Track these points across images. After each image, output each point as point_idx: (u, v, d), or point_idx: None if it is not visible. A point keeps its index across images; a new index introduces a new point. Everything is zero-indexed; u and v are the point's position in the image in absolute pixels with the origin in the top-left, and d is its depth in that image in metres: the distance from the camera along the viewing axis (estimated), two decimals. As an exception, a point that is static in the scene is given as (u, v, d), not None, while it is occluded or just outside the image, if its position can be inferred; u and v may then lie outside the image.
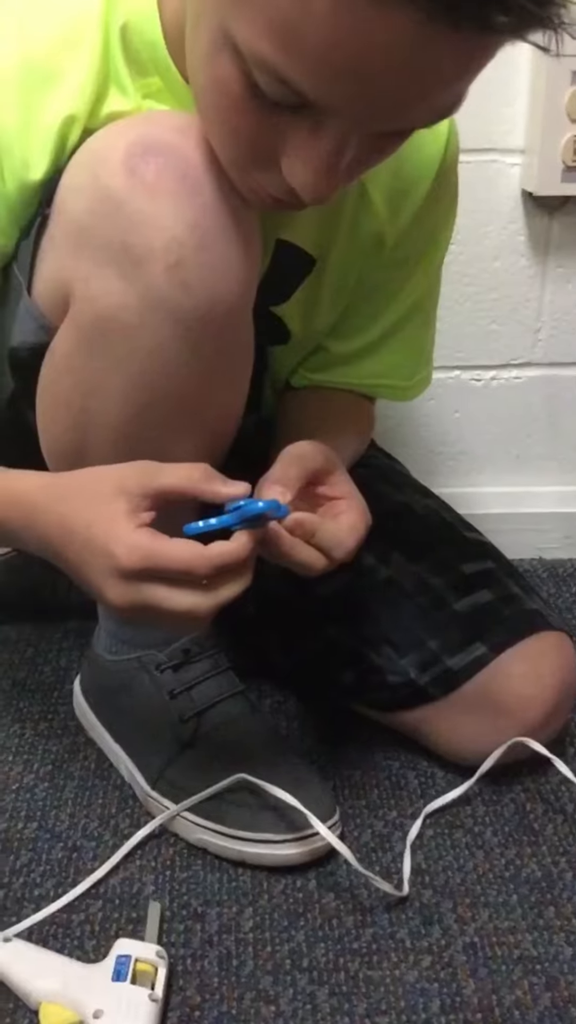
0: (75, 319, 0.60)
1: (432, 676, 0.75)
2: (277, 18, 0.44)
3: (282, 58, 0.45)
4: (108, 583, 0.56)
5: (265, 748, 0.74)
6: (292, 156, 0.51)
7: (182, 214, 0.56)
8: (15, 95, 0.59)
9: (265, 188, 0.55)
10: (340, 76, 0.44)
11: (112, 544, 0.55)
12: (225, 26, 0.47)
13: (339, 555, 0.62)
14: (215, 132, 0.54)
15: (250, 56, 0.46)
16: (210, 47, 0.49)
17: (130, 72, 0.61)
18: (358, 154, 0.51)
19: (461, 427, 1.10)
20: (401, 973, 0.63)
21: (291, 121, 0.49)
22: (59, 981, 0.60)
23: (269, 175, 0.53)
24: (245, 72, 0.47)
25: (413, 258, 0.77)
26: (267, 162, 0.52)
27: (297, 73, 0.45)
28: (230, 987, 0.62)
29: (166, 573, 0.55)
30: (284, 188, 0.53)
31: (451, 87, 0.47)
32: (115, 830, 0.74)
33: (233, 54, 0.47)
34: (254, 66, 0.47)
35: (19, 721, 0.86)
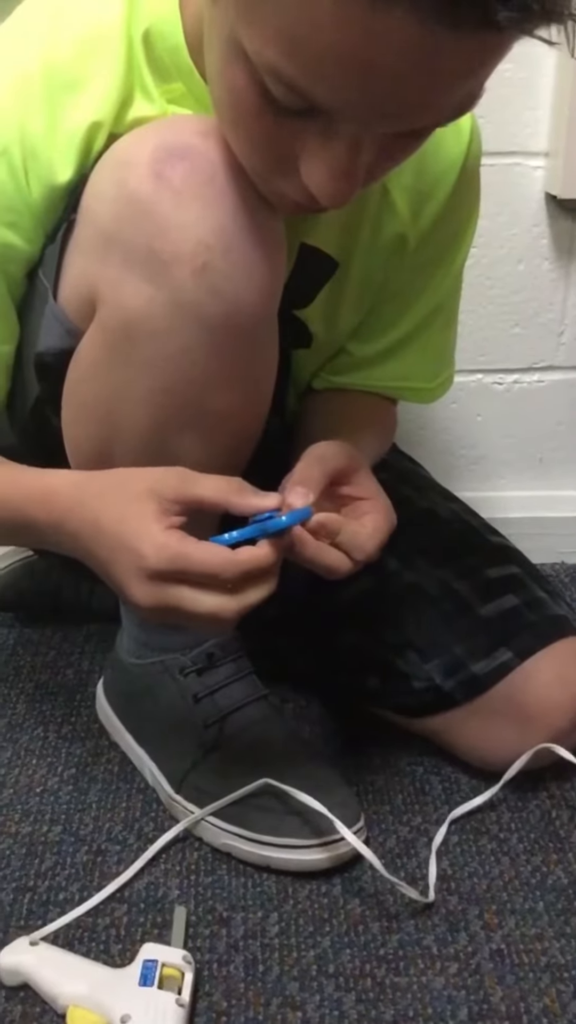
0: (101, 324, 0.61)
1: (457, 681, 0.75)
2: (282, 26, 0.44)
3: (289, 65, 0.45)
4: (134, 581, 0.56)
5: (289, 753, 0.74)
6: (308, 160, 0.51)
7: (209, 218, 0.56)
8: (40, 101, 0.59)
9: (287, 193, 0.55)
10: (346, 80, 0.45)
11: (141, 542, 0.55)
12: (235, 36, 0.47)
13: (359, 558, 0.62)
14: (234, 140, 0.54)
15: (259, 64, 0.47)
16: (223, 57, 0.49)
17: (154, 78, 0.61)
18: (375, 156, 0.51)
19: (483, 430, 1.09)
20: (428, 980, 0.63)
21: (305, 126, 0.49)
22: (86, 985, 0.60)
23: (289, 180, 0.53)
24: (257, 80, 0.48)
25: (435, 260, 0.76)
26: (286, 168, 0.52)
27: (304, 79, 0.45)
28: (256, 993, 0.62)
29: (193, 576, 0.55)
30: (304, 192, 0.53)
31: (460, 85, 0.46)
32: (139, 834, 0.74)
33: (244, 63, 0.48)
34: (264, 74, 0.47)
35: (42, 724, 0.86)
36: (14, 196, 0.60)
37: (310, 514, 0.59)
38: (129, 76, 0.60)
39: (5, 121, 0.59)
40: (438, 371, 0.84)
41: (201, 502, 0.57)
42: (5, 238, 0.62)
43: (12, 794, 0.78)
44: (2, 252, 0.63)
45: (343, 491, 0.65)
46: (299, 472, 0.62)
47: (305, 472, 0.62)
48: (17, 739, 0.84)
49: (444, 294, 0.79)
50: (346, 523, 0.61)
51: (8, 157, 0.59)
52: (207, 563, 0.55)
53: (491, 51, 0.45)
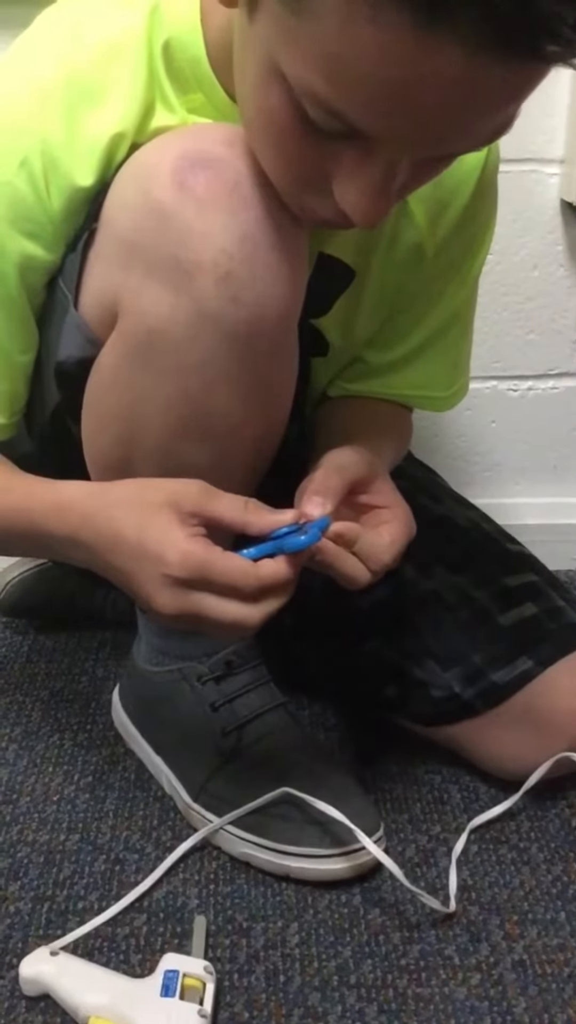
0: (123, 332, 0.60)
1: (477, 690, 0.75)
2: (325, 52, 0.44)
3: (331, 90, 0.45)
4: (157, 589, 0.56)
5: (308, 761, 0.73)
6: (343, 181, 0.51)
7: (232, 227, 0.56)
8: (61, 111, 0.59)
9: (316, 211, 0.55)
10: (389, 107, 0.45)
11: (166, 550, 0.55)
12: (273, 58, 0.47)
13: (375, 568, 0.62)
14: (266, 158, 0.54)
15: (299, 88, 0.47)
16: (259, 78, 0.49)
17: (174, 88, 0.61)
18: (407, 177, 0.51)
19: (497, 437, 1.09)
20: (450, 991, 0.62)
21: (341, 148, 0.49)
22: (107, 996, 0.60)
23: (320, 199, 0.53)
24: (294, 102, 0.48)
25: (452, 268, 0.76)
26: (318, 187, 0.53)
27: (346, 105, 0.46)
28: (278, 1003, 0.62)
29: (213, 585, 0.56)
30: (336, 211, 0.53)
31: (500, 113, 0.47)
32: (157, 842, 0.74)
33: (282, 85, 0.48)
34: (303, 97, 0.47)
35: (58, 731, 0.86)
36: (34, 206, 0.60)
37: (328, 524, 0.59)
38: (150, 86, 0.60)
39: (26, 131, 0.59)
40: (454, 379, 0.83)
41: (218, 521, 0.57)
42: (25, 248, 0.62)
43: (29, 802, 0.78)
44: (23, 262, 0.62)
45: (362, 499, 0.65)
46: (317, 481, 0.61)
47: (323, 481, 0.61)
48: (33, 747, 0.84)
49: (460, 302, 0.79)
50: (364, 532, 0.61)
51: (29, 167, 0.59)
52: (230, 574, 0.55)
53: (533, 80, 0.45)
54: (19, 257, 0.62)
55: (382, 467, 0.66)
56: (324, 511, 0.59)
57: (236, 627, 0.57)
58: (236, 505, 0.58)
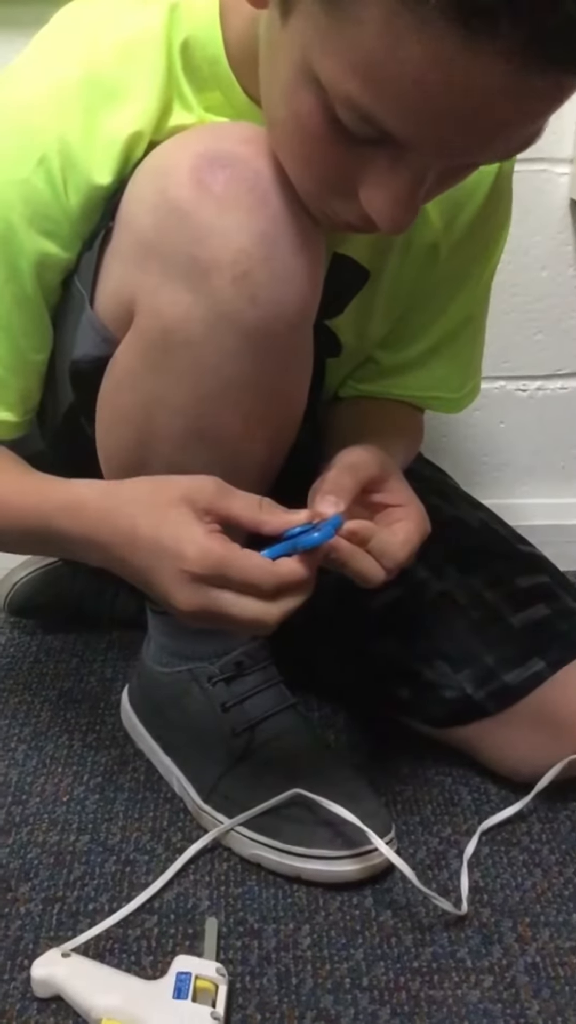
0: (139, 331, 0.60)
1: (489, 692, 0.74)
2: (366, 58, 0.44)
3: (369, 97, 0.45)
4: (176, 586, 0.56)
5: (319, 763, 0.73)
6: (371, 187, 0.51)
7: (250, 226, 0.55)
8: (80, 110, 0.59)
9: (340, 215, 0.55)
10: (428, 116, 0.45)
11: (184, 546, 0.55)
12: (308, 62, 0.47)
13: (389, 565, 0.61)
14: (292, 161, 0.54)
15: (335, 93, 0.47)
16: (291, 80, 0.49)
17: (191, 87, 0.61)
18: (434, 183, 0.51)
19: (506, 438, 1.09)
20: (463, 993, 0.62)
21: (371, 154, 0.49)
22: (120, 997, 0.59)
23: (346, 203, 0.53)
24: (327, 107, 0.48)
25: (466, 269, 0.76)
26: (344, 192, 0.52)
27: (383, 111, 0.46)
28: (290, 1005, 0.61)
29: (232, 583, 0.55)
30: (361, 216, 0.53)
31: (534, 123, 0.47)
32: (167, 844, 0.74)
33: (315, 89, 0.48)
34: (338, 103, 0.47)
35: (67, 732, 0.85)
36: (52, 204, 0.60)
37: (341, 522, 0.59)
38: (168, 84, 0.60)
39: (44, 129, 0.58)
40: (465, 381, 0.83)
41: (233, 519, 0.57)
42: (42, 246, 0.62)
43: (39, 803, 0.77)
44: (39, 260, 0.62)
45: (375, 499, 0.64)
46: (330, 480, 0.61)
47: (336, 480, 0.61)
48: (42, 747, 0.84)
49: (473, 304, 0.79)
50: (377, 530, 0.61)
51: (47, 165, 0.59)
52: (249, 572, 0.55)
53: (568, 92, 0.45)
54: (35, 255, 0.62)
55: (395, 466, 0.66)
56: (337, 510, 0.59)
57: (255, 625, 0.56)
58: (251, 504, 0.57)
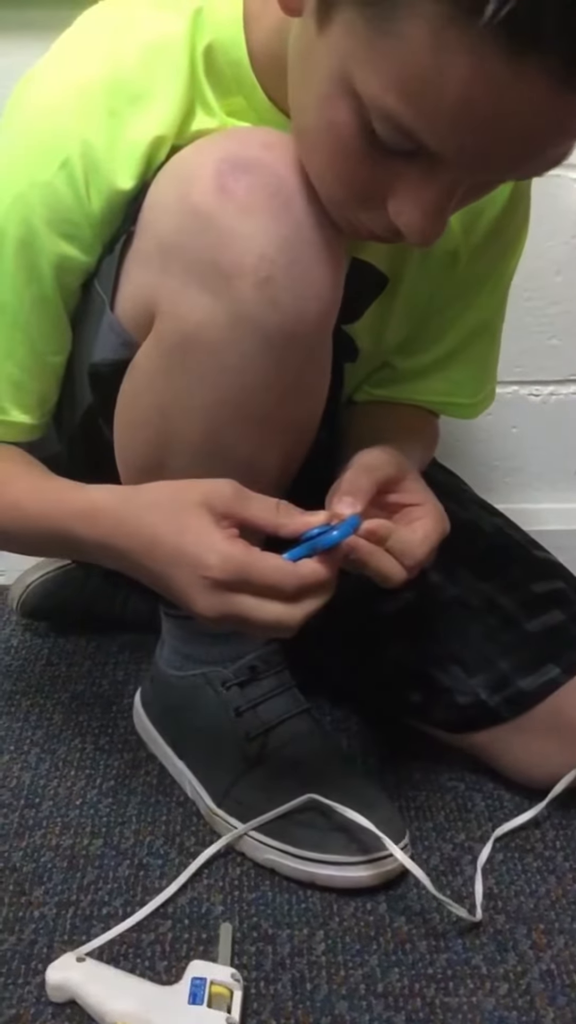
0: (160, 335, 0.60)
1: (503, 697, 0.74)
2: (409, 73, 0.44)
3: (408, 111, 0.45)
4: (198, 592, 0.56)
5: (333, 768, 0.73)
6: (402, 199, 0.51)
7: (272, 231, 0.55)
8: (103, 114, 0.59)
9: (366, 225, 0.55)
10: (468, 132, 0.45)
11: (204, 553, 0.55)
12: (346, 72, 0.47)
13: (409, 563, 0.61)
14: (320, 169, 0.54)
15: (373, 105, 0.47)
16: (326, 90, 0.49)
17: (214, 91, 0.61)
18: (461, 196, 0.51)
19: (519, 442, 1.09)
20: (478, 1000, 0.62)
21: (403, 166, 0.50)
22: (135, 1003, 0.59)
23: (372, 214, 0.53)
24: (362, 118, 0.48)
25: (484, 275, 0.76)
26: (372, 202, 0.53)
27: (422, 126, 0.46)
28: (305, 1012, 0.61)
29: (254, 587, 0.55)
30: (388, 227, 0.53)
31: (570, 141, 0.47)
32: (180, 848, 0.73)
33: (351, 100, 0.48)
34: (375, 115, 0.47)
35: (79, 735, 0.85)
36: (74, 208, 0.60)
37: (358, 523, 0.59)
38: (191, 89, 0.60)
39: (67, 133, 0.58)
40: (481, 386, 0.83)
41: (251, 523, 0.57)
42: (63, 250, 0.62)
43: (52, 806, 0.77)
44: (59, 263, 0.62)
45: (392, 499, 0.64)
46: (346, 482, 0.61)
47: (353, 481, 0.61)
48: (55, 750, 0.83)
49: (491, 310, 0.79)
50: (396, 529, 0.61)
51: (69, 169, 0.59)
52: (270, 575, 0.55)
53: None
54: (56, 258, 0.62)
55: (411, 466, 0.66)
56: (355, 510, 0.59)
57: (277, 627, 0.56)
58: (268, 507, 0.57)
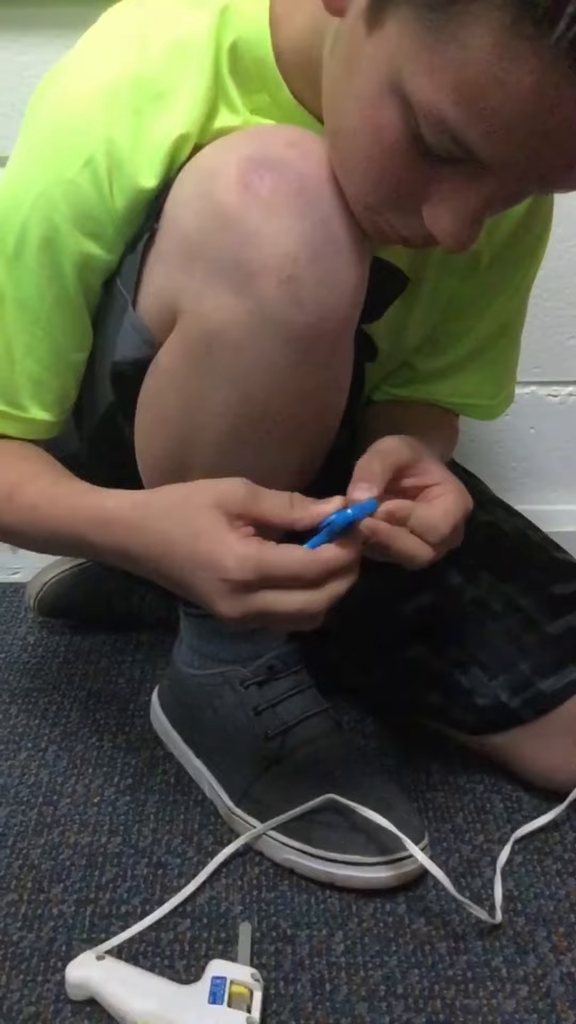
0: (182, 334, 0.60)
1: (524, 699, 0.74)
2: (468, 79, 0.44)
3: (463, 118, 0.45)
4: (219, 596, 0.55)
5: (352, 768, 0.73)
6: (440, 205, 0.51)
7: (296, 230, 0.55)
8: (128, 112, 0.59)
9: (396, 229, 0.55)
10: (520, 143, 0.45)
11: (221, 557, 0.55)
12: (397, 75, 0.47)
13: (434, 539, 0.60)
14: (356, 172, 0.54)
15: (425, 111, 0.47)
16: (372, 92, 0.49)
17: (238, 88, 0.61)
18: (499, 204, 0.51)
19: (536, 443, 1.08)
20: (499, 1003, 0.62)
21: (445, 172, 0.50)
22: (155, 1001, 0.59)
23: (404, 218, 0.53)
24: (409, 122, 0.48)
25: (507, 276, 0.76)
26: (406, 206, 0.52)
27: (475, 134, 0.46)
28: (325, 1012, 0.61)
29: (277, 581, 0.55)
30: (420, 232, 0.53)
31: None
32: (199, 847, 0.73)
33: (400, 103, 0.48)
34: (425, 120, 0.47)
35: (97, 733, 0.85)
36: (97, 206, 0.60)
37: (375, 506, 0.58)
38: (214, 86, 0.60)
39: (92, 131, 0.58)
40: (501, 388, 0.83)
41: (265, 521, 0.56)
42: (86, 248, 0.62)
43: (70, 804, 0.77)
44: (81, 261, 0.62)
45: (408, 483, 0.63)
46: (360, 468, 0.60)
47: (366, 468, 0.60)
48: (72, 748, 0.84)
49: (512, 312, 0.79)
50: (415, 507, 0.60)
51: (93, 167, 0.59)
52: (290, 566, 0.54)
53: None
54: (78, 256, 0.62)
55: (426, 451, 0.65)
56: (371, 494, 0.58)
57: (303, 616, 0.55)
58: (282, 503, 0.57)
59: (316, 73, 0.56)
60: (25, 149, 0.62)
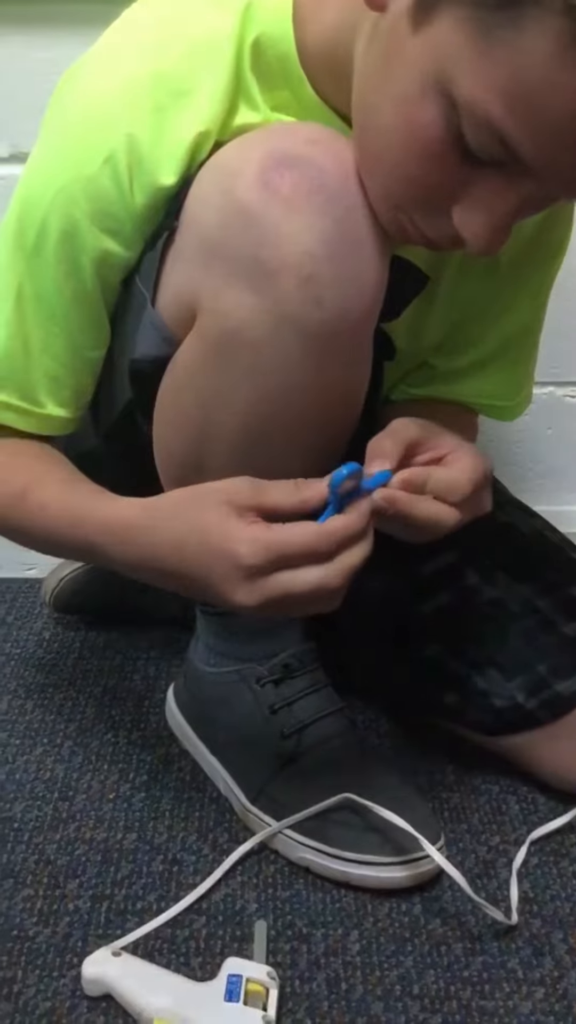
0: (201, 332, 0.60)
1: (541, 701, 0.74)
2: (521, 83, 0.44)
3: (512, 121, 0.45)
4: (234, 585, 0.55)
5: (367, 768, 0.73)
6: (472, 207, 0.51)
7: (316, 228, 0.55)
8: (149, 109, 0.59)
9: (421, 230, 0.54)
10: (567, 149, 0.45)
11: (231, 543, 0.54)
12: (443, 75, 0.47)
13: (455, 498, 0.59)
14: (386, 169, 0.53)
15: (471, 112, 0.47)
16: (412, 89, 0.49)
17: (259, 85, 0.61)
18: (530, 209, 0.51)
19: (553, 444, 1.08)
20: (515, 1004, 0.62)
21: (482, 174, 0.49)
22: (171, 999, 0.59)
23: (432, 219, 0.53)
24: (451, 122, 0.48)
25: (526, 277, 0.76)
26: (437, 207, 0.52)
27: (523, 138, 0.46)
28: (340, 1012, 0.61)
29: (290, 559, 0.54)
30: (446, 234, 0.53)
31: None
32: (214, 844, 0.73)
33: (444, 103, 0.48)
34: (471, 121, 0.47)
35: (112, 729, 0.86)
36: (116, 203, 0.60)
37: (388, 476, 0.58)
38: (235, 83, 0.60)
39: (113, 127, 0.58)
40: (520, 389, 0.83)
41: (275, 509, 0.56)
42: (104, 244, 0.62)
43: (85, 799, 0.78)
44: (100, 258, 0.62)
45: (421, 460, 0.62)
46: (371, 447, 0.60)
47: (376, 446, 0.60)
48: (88, 743, 0.84)
49: (532, 313, 0.79)
50: (431, 471, 0.59)
51: (113, 163, 0.59)
52: (302, 542, 0.54)
53: None
54: (97, 253, 0.62)
55: (438, 427, 0.63)
56: (383, 468, 0.58)
57: (319, 592, 0.54)
58: (288, 489, 0.57)
59: (342, 70, 0.55)
60: (46, 145, 0.63)
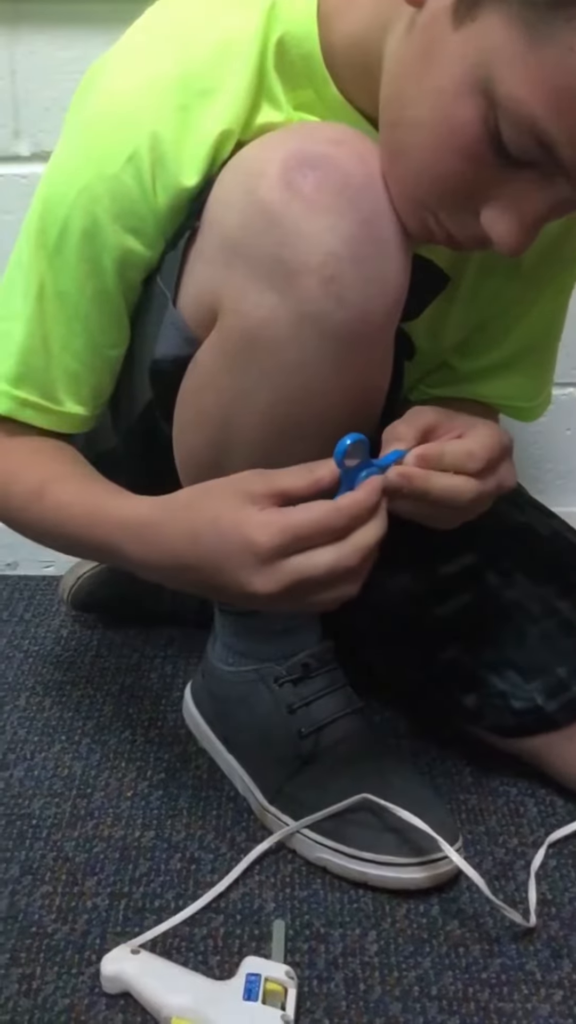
0: (223, 332, 0.60)
1: (560, 703, 0.74)
2: (564, 85, 0.44)
3: (555, 122, 0.45)
4: (252, 572, 0.55)
5: (386, 768, 0.73)
6: (502, 208, 0.51)
7: (339, 228, 0.55)
8: (173, 108, 0.59)
9: (446, 228, 0.54)
10: None
11: (245, 529, 0.54)
12: (485, 71, 0.47)
13: (474, 468, 0.59)
14: (413, 166, 0.53)
15: (513, 111, 0.46)
16: (450, 86, 0.48)
17: (282, 84, 0.61)
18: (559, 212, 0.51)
19: (572, 445, 1.07)
20: (533, 1007, 0.61)
21: (515, 175, 0.49)
22: (190, 997, 0.59)
23: (459, 218, 0.53)
24: (489, 120, 0.48)
25: (548, 278, 0.75)
26: (464, 207, 0.52)
27: (565, 139, 0.46)
28: (359, 1012, 0.61)
29: (305, 540, 0.54)
30: (471, 233, 0.53)
31: None
32: (232, 843, 0.74)
33: (483, 101, 0.47)
34: (511, 120, 0.47)
35: (129, 727, 0.86)
36: (139, 202, 0.60)
37: (402, 454, 0.58)
38: (258, 82, 0.60)
39: (137, 126, 0.59)
40: (540, 390, 0.82)
41: (290, 492, 0.56)
42: (126, 243, 0.62)
43: (103, 797, 0.78)
44: (122, 257, 0.62)
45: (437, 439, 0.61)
46: (387, 433, 0.60)
47: (392, 431, 0.60)
48: (105, 741, 0.84)
49: (553, 315, 0.78)
50: (446, 444, 0.59)
51: (136, 163, 0.59)
52: (315, 520, 0.54)
53: None
54: (119, 252, 0.62)
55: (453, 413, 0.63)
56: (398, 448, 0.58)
57: (335, 572, 0.54)
58: (300, 472, 0.57)
59: (370, 68, 0.55)
60: (69, 143, 0.63)
